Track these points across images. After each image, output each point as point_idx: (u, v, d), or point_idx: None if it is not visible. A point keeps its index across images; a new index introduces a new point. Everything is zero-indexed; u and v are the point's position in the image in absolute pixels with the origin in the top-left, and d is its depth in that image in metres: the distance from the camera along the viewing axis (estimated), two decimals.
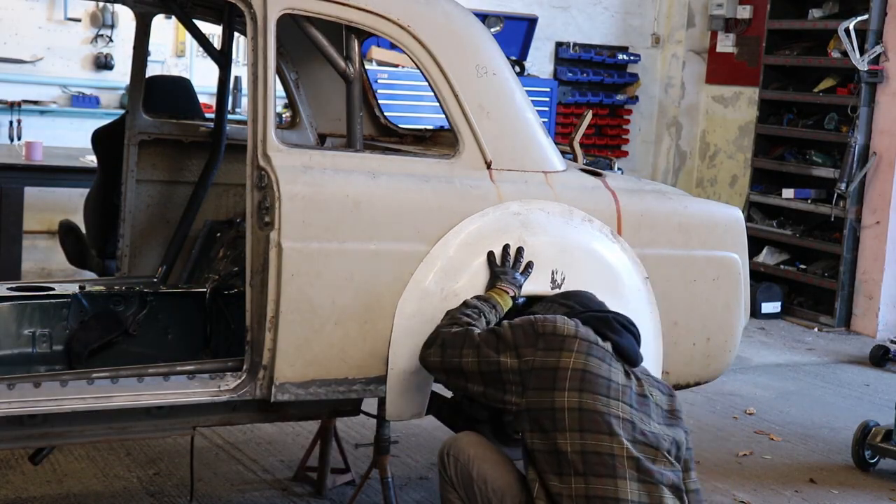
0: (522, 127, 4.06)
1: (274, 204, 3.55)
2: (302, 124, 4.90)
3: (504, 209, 3.89)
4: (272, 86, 3.61)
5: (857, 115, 8.51)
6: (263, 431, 5.35)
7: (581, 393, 3.15)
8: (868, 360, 7.71)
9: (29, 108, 8.22)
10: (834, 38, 8.75)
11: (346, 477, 4.77)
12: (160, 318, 4.66)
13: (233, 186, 4.96)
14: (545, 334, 3.27)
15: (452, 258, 3.77)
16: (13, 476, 4.64)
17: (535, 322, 3.32)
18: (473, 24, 4.05)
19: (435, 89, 3.92)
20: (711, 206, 4.55)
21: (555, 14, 10.33)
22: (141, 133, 4.87)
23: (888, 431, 5.41)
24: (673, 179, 10.93)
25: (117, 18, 8.60)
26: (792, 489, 5.19)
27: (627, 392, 3.22)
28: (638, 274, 4.11)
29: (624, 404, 3.19)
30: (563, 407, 3.15)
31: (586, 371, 3.18)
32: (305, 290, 3.59)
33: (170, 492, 4.61)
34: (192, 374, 3.69)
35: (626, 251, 4.09)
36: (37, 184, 7.38)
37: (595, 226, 4.04)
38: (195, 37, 4.96)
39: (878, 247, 8.55)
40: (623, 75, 10.68)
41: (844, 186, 8.53)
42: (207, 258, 4.86)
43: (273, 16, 3.61)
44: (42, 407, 3.49)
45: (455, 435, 3.55)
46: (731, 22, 10.37)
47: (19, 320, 4.43)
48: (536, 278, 3.86)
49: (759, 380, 7.07)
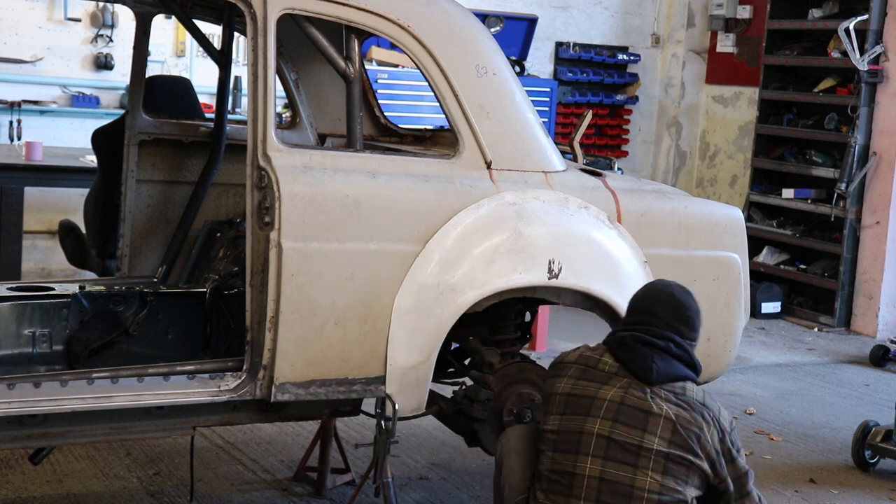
0: (522, 127, 4.06)
1: (274, 204, 3.55)
2: (302, 124, 4.90)
3: (499, 200, 3.90)
4: (272, 86, 3.61)
5: (857, 115, 8.51)
6: (263, 431, 5.35)
7: (563, 416, 3.34)
8: (868, 360, 7.71)
9: (29, 108, 8.22)
10: (834, 38, 8.76)
11: (346, 477, 4.77)
12: (160, 318, 4.66)
13: (233, 186, 4.96)
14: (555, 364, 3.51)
15: (448, 251, 3.77)
16: (13, 476, 4.64)
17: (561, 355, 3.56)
18: (473, 24, 4.05)
19: (435, 89, 3.92)
20: (711, 206, 4.55)
21: (555, 14, 10.33)
22: (141, 133, 4.87)
23: (888, 431, 5.40)
24: (673, 179, 10.93)
25: (117, 18, 8.59)
26: (792, 489, 5.19)
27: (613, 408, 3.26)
28: (636, 259, 4.11)
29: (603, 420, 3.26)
30: (549, 429, 3.37)
31: (571, 395, 3.35)
32: (305, 290, 3.59)
33: (170, 492, 4.61)
34: (192, 374, 3.70)
35: (624, 237, 4.10)
36: (37, 184, 7.38)
37: (591, 212, 4.05)
38: (195, 37, 4.96)
39: (878, 247, 8.55)
40: (623, 75, 10.68)
41: (844, 186, 8.53)
42: (207, 258, 4.86)
43: (273, 16, 3.61)
44: (42, 407, 3.49)
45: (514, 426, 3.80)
46: (731, 22, 10.37)
47: (19, 320, 4.44)
48: (533, 268, 3.87)
49: (759, 380, 7.07)
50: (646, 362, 3.31)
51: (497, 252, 3.84)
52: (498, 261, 3.84)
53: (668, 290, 3.47)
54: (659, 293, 3.48)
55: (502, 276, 3.85)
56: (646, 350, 3.34)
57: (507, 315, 4.26)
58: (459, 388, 4.19)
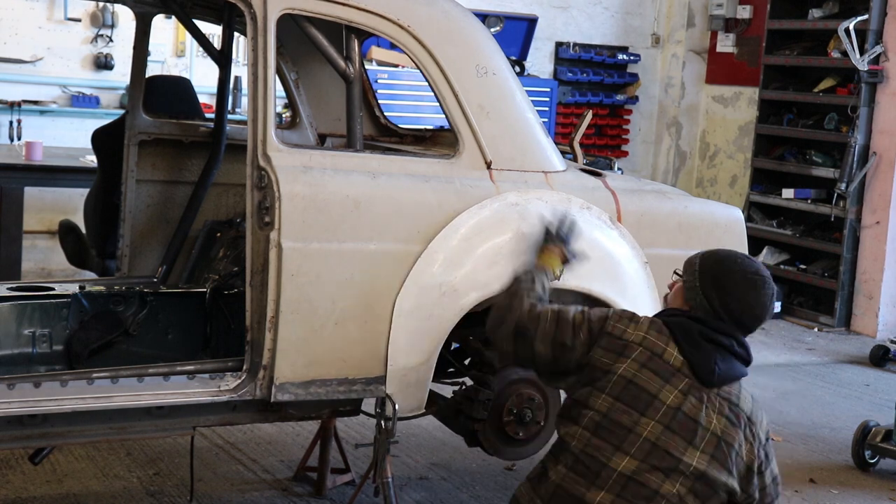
0: (522, 127, 4.06)
1: (274, 204, 3.55)
2: (302, 124, 4.90)
3: (502, 200, 3.90)
4: (272, 86, 3.61)
5: (857, 115, 8.51)
6: (263, 431, 5.35)
7: (616, 401, 3.13)
8: (868, 360, 7.71)
9: (29, 108, 8.22)
10: (834, 38, 8.76)
11: (346, 477, 4.77)
12: (160, 318, 4.66)
13: (233, 186, 4.96)
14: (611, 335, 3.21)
15: (451, 252, 3.77)
16: (13, 476, 4.64)
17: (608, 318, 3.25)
18: (473, 24, 4.05)
19: (435, 89, 3.92)
20: (711, 206, 4.55)
21: (555, 14, 10.33)
22: (141, 133, 4.87)
23: (888, 431, 5.41)
24: (673, 179, 10.93)
25: (117, 18, 8.60)
26: (792, 489, 5.19)
27: (669, 414, 3.11)
28: (637, 259, 4.11)
29: (657, 423, 3.10)
30: (593, 407, 3.14)
31: (632, 383, 3.14)
32: (305, 290, 3.59)
33: (170, 492, 4.61)
34: (192, 374, 3.69)
35: (625, 237, 4.10)
36: (37, 184, 7.39)
37: (594, 213, 4.05)
38: (195, 37, 4.96)
39: (878, 247, 8.55)
40: (623, 75, 10.68)
41: (844, 186, 8.53)
42: (207, 258, 4.86)
43: (273, 16, 3.61)
44: (42, 407, 3.49)
45: None
46: (731, 22, 10.37)
47: (19, 320, 4.44)
48: None
49: (759, 380, 7.06)
50: (709, 364, 3.15)
51: (499, 253, 3.84)
52: (500, 262, 3.83)
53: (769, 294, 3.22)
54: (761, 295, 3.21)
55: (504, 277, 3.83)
56: (710, 348, 3.17)
57: None
58: (459, 388, 4.18)
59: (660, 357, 3.17)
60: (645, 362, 3.16)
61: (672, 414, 3.10)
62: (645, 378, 3.14)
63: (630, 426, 3.10)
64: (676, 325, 3.21)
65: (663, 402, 3.12)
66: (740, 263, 3.27)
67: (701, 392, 3.15)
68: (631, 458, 3.08)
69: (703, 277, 3.26)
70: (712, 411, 3.14)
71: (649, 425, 3.10)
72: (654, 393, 3.13)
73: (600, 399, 3.14)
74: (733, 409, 3.17)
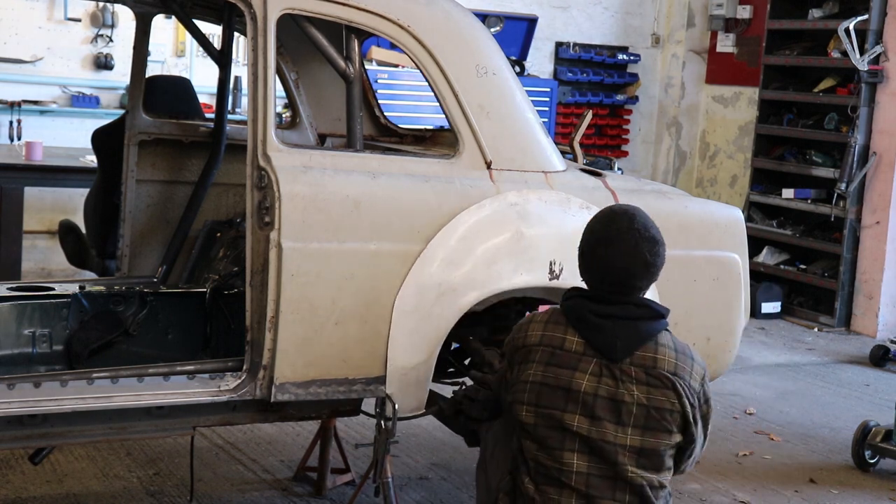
0: (522, 127, 4.06)
1: (274, 204, 3.55)
2: (302, 124, 4.90)
3: (502, 200, 3.90)
4: (272, 86, 3.61)
5: (857, 115, 8.51)
6: (263, 431, 5.35)
7: (537, 408, 3.19)
8: (868, 360, 7.71)
9: (29, 108, 8.22)
10: (834, 38, 8.76)
11: (346, 477, 4.77)
12: (160, 318, 4.66)
13: (233, 186, 4.96)
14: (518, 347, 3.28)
15: (450, 251, 3.77)
16: (13, 476, 4.64)
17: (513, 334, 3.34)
18: (473, 24, 4.05)
19: (435, 89, 3.92)
20: (711, 206, 4.55)
21: (555, 14, 10.33)
22: (141, 133, 4.87)
23: (888, 431, 5.41)
24: (673, 179, 10.93)
25: (117, 18, 8.60)
26: (792, 489, 5.19)
27: (589, 402, 3.13)
28: None
29: (581, 416, 3.13)
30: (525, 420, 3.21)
31: (543, 384, 3.19)
32: (305, 290, 3.59)
33: (170, 492, 4.61)
34: (192, 374, 3.70)
35: None
36: (37, 184, 7.39)
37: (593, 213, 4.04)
38: (195, 37, 4.96)
39: (878, 247, 8.55)
40: (623, 75, 10.68)
41: (844, 186, 8.53)
42: (207, 258, 4.86)
43: (273, 16, 3.61)
44: (42, 407, 3.49)
45: None
46: (731, 22, 10.37)
47: (19, 320, 4.44)
48: (535, 269, 3.86)
49: (759, 380, 7.07)
50: (608, 340, 3.15)
51: (499, 253, 3.84)
52: (499, 261, 3.84)
53: (629, 243, 3.18)
54: (614, 250, 3.18)
55: (504, 277, 3.85)
56: (606, 324, 3.15)
57: (507, 315, 4.26)
58: (459, 388, 4.18)
59: (560, 349, 3.20)
60: (548, 360, 3.20)
61: (592, 402, 3.13)
62: (552, 375, 3.18)
63: (559, 425, 3.15)
64: (570, 309, 3.24)
65: (578, 391, 3.14)
66: (598, 228, 3.27)
67: (612, 368, 3.15)
68: (578, 454, 3.14)
69: (579, 253, 3.31)
70: (630, 384, 3.14)
71: (576, 419, 3.14)
72: (566, 386, 3.15)
73: (524, 411, 3.21)
74: (652, 373, 3.15)
